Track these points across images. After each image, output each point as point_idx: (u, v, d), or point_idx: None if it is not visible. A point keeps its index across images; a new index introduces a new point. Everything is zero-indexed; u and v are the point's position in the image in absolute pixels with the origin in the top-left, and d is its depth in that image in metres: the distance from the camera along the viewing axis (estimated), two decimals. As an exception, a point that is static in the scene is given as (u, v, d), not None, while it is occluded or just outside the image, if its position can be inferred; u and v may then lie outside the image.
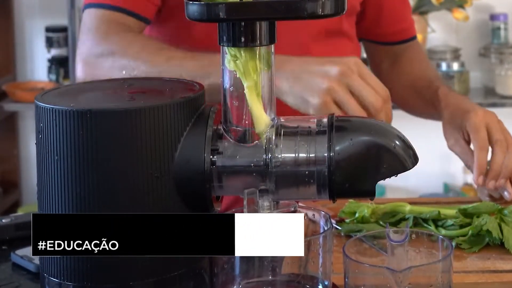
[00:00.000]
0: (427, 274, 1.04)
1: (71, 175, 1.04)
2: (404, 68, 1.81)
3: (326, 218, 1.09)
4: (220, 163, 1.07)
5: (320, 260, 1.07)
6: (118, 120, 1.04)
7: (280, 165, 1.07)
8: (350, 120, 1.12)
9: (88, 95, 1.11)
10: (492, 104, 3.25)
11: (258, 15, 1.04)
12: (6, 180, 3.57)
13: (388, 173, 1.07)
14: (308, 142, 1.07)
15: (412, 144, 1.09)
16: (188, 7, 1.05)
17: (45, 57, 3.51)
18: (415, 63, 1.81)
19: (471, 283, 1.22)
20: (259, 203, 1.07)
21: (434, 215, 1.38)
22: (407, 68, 1.80)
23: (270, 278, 1.08)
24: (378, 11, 1.76)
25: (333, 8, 1.05)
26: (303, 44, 1.64)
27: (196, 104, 1.09)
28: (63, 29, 3.44)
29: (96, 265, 1.04)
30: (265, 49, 1.07)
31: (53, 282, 1.07)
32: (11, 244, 1.32)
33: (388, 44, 1.82)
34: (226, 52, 1.07)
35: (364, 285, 1.04)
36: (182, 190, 1.06)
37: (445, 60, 3.38)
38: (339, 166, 1.06)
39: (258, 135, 1.07)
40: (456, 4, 3.38)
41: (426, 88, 1.72)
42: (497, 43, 3.44)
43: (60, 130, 1.04)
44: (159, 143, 1.05)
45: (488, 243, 1.32)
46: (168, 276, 1.06)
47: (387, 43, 1.82)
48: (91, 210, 1.03)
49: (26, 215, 1.40)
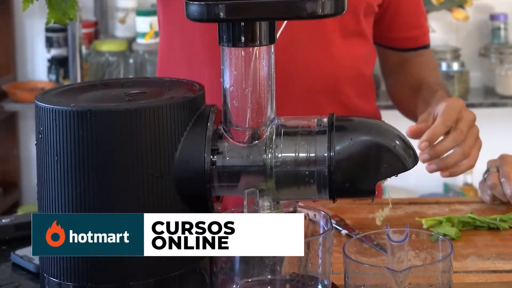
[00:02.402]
0: (427, 274, 1.04)
1: (71, 175, 1.04)
2: (410, 71, 1.80)
3: (326, 219, 1.09)
4: (220, 163, 1.07)
5: (320, 260, 1.06)
6: (118, 120, 1.04)
7: (280, 165, 1.07)
8: (350, 120, 1.12)
9: (88, 95, 1.11)
10: (492, 104, 3.24)
11: (258, 15, 1.04)
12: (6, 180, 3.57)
13: (388, 173, 1.07)
14: (308, 142, 1.07)
15: (412, 144, 1.09)
16: (188, 7, 1.05)
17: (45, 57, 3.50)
18: (423, 68, 1.80)
19: (471, 283, 1.22)
20: (259, 203, 1.07)
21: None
22: (413, 71, 1.79)
23: (270, 277, 1.08)
24: (393, 16, 1.75)
25: (333, 8, 1.05)
26: (322, 42, 1.64)
27: (196, 104, 1.09)
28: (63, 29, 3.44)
29: (96, 265, 1.04)
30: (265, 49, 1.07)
31: (53, 282, 1.07)
32: (11, 244, 1.32)
33: (399, 50, 1.81)
34: (226, 52, 1.07)
35: (364, 285, 1.04)
36: (182, 190, 1.06)
37: (445, 60, 3.37)
38: (339, 166, 1.06)
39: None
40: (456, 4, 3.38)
41: (426, 89, 1.71)
42: (497, 43, 3.44)
43: (60, 130, 1.04)
44: (159, 143, 1.05)
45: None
46: (168, 276, 1.06)
47: (398, 49, 1.81)
48: (91, 210, 1.03)
49: (26, 215, 1.40)
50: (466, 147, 1.47)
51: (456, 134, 1.47)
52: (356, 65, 1.70)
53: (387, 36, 1.79)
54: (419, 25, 1.81)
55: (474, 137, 1.50)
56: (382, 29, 1.77)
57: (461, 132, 1.47)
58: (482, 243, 1.37)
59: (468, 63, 3.41)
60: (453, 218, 1.43)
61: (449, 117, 1.47)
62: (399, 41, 1.80)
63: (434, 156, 1.46)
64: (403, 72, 1.81)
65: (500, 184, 1.51)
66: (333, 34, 1.66)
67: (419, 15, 1.81)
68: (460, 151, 1.47)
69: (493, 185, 1.52)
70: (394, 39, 1.80)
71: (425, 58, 1.82)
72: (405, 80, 1.80)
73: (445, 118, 1.47)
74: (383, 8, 1.73)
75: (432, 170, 1.48)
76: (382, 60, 1.85)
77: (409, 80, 1.79)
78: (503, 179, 1.50)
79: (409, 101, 1.77)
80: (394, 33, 1.78)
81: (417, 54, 1.81)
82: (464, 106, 1.51)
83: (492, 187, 1.52)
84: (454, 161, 1.47)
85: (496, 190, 1.52)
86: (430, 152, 1.45)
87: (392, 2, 1.73)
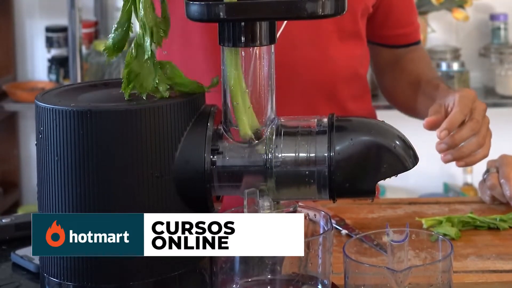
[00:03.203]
0: (427, 274, 1.04)
1: (71, 175, 1.04)
2: (407, 67, 1.81)
3: (327, 219, 1.09)
4: (220, 163, 1.07)
5: (320, 260, 1.06)
6: (118, 120, 1.04)
7: (281, 165, 1.07)
8: (350, 120, 1.12)
9: (88, 95, 1.11)
10: (492, 104, 3.24)
11: (258, 15, 1.04)
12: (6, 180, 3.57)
13: (388, 173, 1.07)
14: (308, 142, 1.07)
15: (412, 144, 1.09)
16: (188, 7, 1.05)
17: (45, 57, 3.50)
18: (419, 63, 1.81)
19: (471, 283, 1.22)
20: (259, 203, 1.07)
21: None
22: (410, 67, 1.81)
23: (270, 277, 1.08)
24: (386, 14, 1.76)
25: (333, 8, 1.05)
26: (320, 44, 1.65)
27: (196, 104, 1.09)
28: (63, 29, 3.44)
29: (96, 265, 1.04)
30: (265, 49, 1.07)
31: (53, 282, 1.07)
32: (11, 244, 1.32)
33: (392, 47, 1.82)
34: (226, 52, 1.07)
35: (364, 285, 1.04)
36: (182, 190, 1.06)
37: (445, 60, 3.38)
38: (339, 166, 1.06)
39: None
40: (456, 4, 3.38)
41: (426, 84, 1.72)
42: (497, 43, 3.44)
43: (60, 130, 1.04)
44: (159, 143, 1.05)
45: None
46: (168, 276, 1.06)
47: (391, 45, 1.82)
48: (91, 210, 1.03)
49: (26, 215, 1.40)
50: (480, 136, 1.50)
51: (472, 123, 1.49)
52: (353, 66, 1.71)
53: (380, 34, 1.80)
54: (411, 22, 1.82)
55: (487, 126, 1.52)
56: (375, 27, 1.77)
57: (477, 122, 1.49)
58: (482, 243, 1.37)
59: (468, 63, 3.41)
60: (453, 218, 1.43)
61: (465, 106, 1.50)
62: (392, 38, 1.81)
63: (452, 145, 1.48)
64: (399, 69, 1.82)
65: (499, 185, 1.51)
66: (331, 35, 1.66)
67: (410, 12, 1.83)
68: (475, 140, 1.49)
69: (493, 186, 1.52)
70: (387, 37, 1.81)
71: (419, 54, 1.84)
72: (401, 76, 1.81)
73: (462, 107, 1.50)
74: (375, 6, 1.74)
75: (448, 160, 1.49)
76: (375, 58, 1.85)
77: (406, 76, 1.79)
78: (502, 180, 1.50)
79: (407, 97, 1.77)
80: (387, 30, 1.79)
81: (410, 50, 1.82)
82: (476, 96, 1.55)
83: (491, 187, 1.52)
84: (469, 151, 1.49)
85: (495, 191, 1.52)
86: (448, 141, 1.47)
87: (384, 0, 1.74)
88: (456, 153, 1.48)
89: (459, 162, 1.50)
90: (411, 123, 1.86)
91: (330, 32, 1.66)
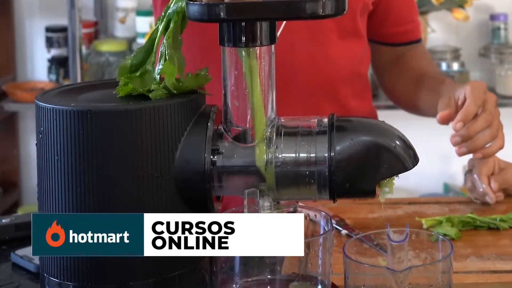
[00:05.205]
0: (427, 274, 1.04)
1: (71, 175, 1.04)
2: (408, 64, 1.81)
3: (327, 219, 1.09)
4: (221, 163, 1.07)
5: (320, 260, 1.06)
6: (118, 120, 1.04)
7: (281, 165, 1.07)
8: (351, 120, 1.12)
9: (88, 95, 1.11)
10: (492, 104, 3.24)
11: (258, 15, 1.04)
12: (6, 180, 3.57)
13: (388, 173, 1.07)
14: (308, 142, 1.07)
15: (412, 144, 1.09)
16: (188, 8, 1.05)
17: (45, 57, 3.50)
18: (420, 60, 1.81)
19: (471, 283, 1.22)
20: (259, 203, 1.07)
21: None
22: (412, 63, 1.80)
23: (270, 277, 1.08)
24: (385, 11, 1.76)
25: (333, 8, 1.05)
26: (320, 43, 1.65)
27: (196, 104, 1.09)
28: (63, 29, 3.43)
29: (96, 265, 1.04)
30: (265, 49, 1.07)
31: (53, 282, 1.07)
32: (11, 244, 1.32)
33: (392, 45, 1.82)
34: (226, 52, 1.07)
35: (364, 285, 1.04)
36: (182, 190, 1.06)
37: (445, 60, 3.37)
38: (340, 166, 1.06)
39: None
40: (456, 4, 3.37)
41: (431, 79, 1.72)
42: (497, 43, 3.43)
43: (60, 130, 1.04)
44: (159, 143, 1.05)
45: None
46: (168, 276, 1.06)
47: (391, 44, 1.82)
48: (91, 210, 1.03)
49: (26, 215, 1.40)
50: (494, 128, 1.50)
51: (486, 115, 1.50)
52: (353, 65, 1.71)
53: (380, 32, 1.79)
54: (411, 20, 1.82)
55: (498, 118, 1.53)
56: (375, 26, 1.77)
57: (490, 113, 1.50)
58: (482, 243, 1.37)
59: (468, 63, 3.41)
60: (453, 218, 1.43)
61: (478, 97, 1.50)
62: (392, 36, 1.81)
63: (467, 137, 1.48)
64: (400, 66, 1.81)
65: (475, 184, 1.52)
66: (331, 34, 1.66)
67: (410, 10, 1.82)
68: (489, 132, 1.49)
69: (471, 188, 1.53)
70: (387, 35, 1.80)
71: (420, 51, 1.84)
72: (403, 72, 1.80)
73: (475, 99, 1.50)
74: (375, 4, 1.74)
75: (463, 152, 1.49)
76: (375, 57, 1.85)
77: (408, 73, 1.79)
78: (475, 176, 1.51)
79: (409, 92, 1.77)
80: (387, 28, 1.79)
81: (410, 48, 1.82)
82: (486, 88, 1.55)
83: (470, 190, 1.53)
84: (484, 142, 1.49)
85: (474, 193, 1.52)
86: (462, 133, 1.48)
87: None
88: (471, 145, 1.49)
89: (476, 154, 1.50)
90: (412, 123, 1.86)
91: (329, 31, 1.66)
